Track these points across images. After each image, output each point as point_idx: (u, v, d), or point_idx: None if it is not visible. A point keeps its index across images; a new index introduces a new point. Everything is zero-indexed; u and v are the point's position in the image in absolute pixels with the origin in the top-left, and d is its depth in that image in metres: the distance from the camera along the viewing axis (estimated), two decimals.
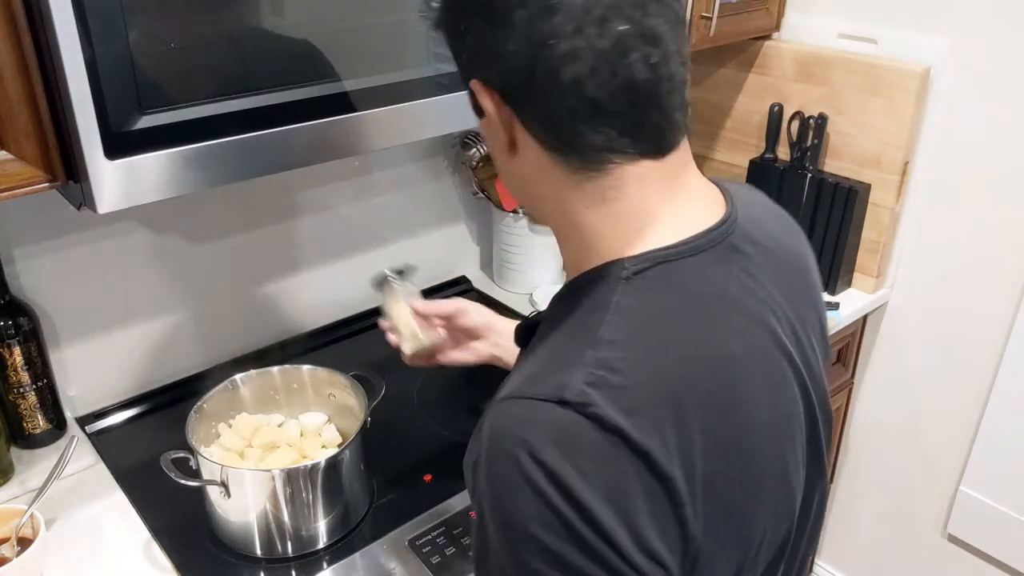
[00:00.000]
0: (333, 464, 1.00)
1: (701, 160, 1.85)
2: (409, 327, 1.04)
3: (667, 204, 0.63)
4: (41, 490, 1.00)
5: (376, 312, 1.56)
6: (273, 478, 0.96)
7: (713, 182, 0.70)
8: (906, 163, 1.52)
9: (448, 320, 1.08)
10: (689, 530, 0.57)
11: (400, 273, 1.05)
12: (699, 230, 0.64)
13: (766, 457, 0.64)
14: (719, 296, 0.63)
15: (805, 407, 0.70)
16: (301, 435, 1.10)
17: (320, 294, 1.50)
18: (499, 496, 0.58)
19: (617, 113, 0.59)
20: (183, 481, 0.96)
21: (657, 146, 0.62)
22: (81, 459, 1.16)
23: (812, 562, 0.86)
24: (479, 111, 0.65)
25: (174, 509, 1.06)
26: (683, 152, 0.64)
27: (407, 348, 1.04)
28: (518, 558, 0.57)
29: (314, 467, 0.98)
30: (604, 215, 0.63)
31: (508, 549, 0.58)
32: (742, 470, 0.61)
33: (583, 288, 0.63)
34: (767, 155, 1.68)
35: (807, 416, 0.70)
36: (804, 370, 0.69)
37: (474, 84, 0.63)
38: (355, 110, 0.96)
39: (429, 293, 1.63)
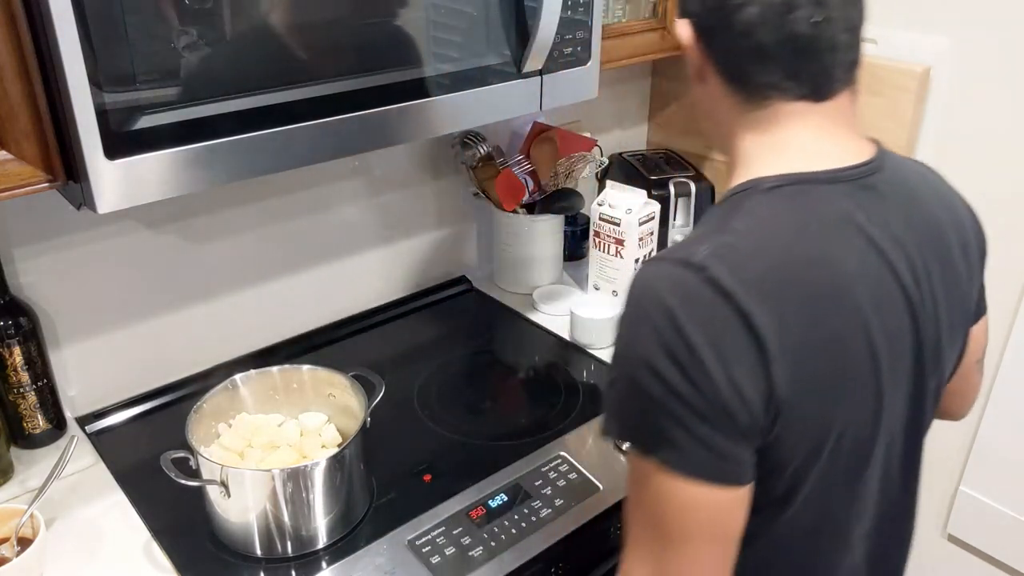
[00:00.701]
0: (333, 464, 1.00)
1: (701, 159, 1.85)
2: None
3: (814, 140, 0.75)
4: (41, 490, 1.00)
5: (375, 311, 1.57)
6: (273, 478, 0.96)
7: (877, 147, 0.80)
8: None
9: None
10: (775, 385, 0.68)
11: None
12: (839, 166, 0.75)
13: (858, 364, 0.73)
14: (843, 219, 0.73)
15: (913, 346, 0.77)
16: (301, 435, 1.10)
17: (320, 294, 1.50)
18: (626, 326, 0.72)
19: (779, 59, 0.72)
20: (183, 481, 0.96)
21: (814, 91, 0.74)
22: (81, 459, 1.16)
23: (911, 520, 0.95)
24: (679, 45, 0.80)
25: (174, 509, 1.06)
26: (842, 106, 0.76)
27: None
28: (631, 376, 0.70)
29: (314, 467, 0.98)
30: (759, 142, 0.76)
31: (625, 370, 0.72)
32: (831, 364, 0.71)
33: (734, 196, 0.76)
34: None
35: (914, 356, 0.78)
36: (920, 313, 0.77)
37: (679, 20, 0.78)
38: (355, 110, 0.96)
39: (428, 293, 1.64)
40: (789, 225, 0.72)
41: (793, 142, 0.75)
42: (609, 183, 1.58)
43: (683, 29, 0.78)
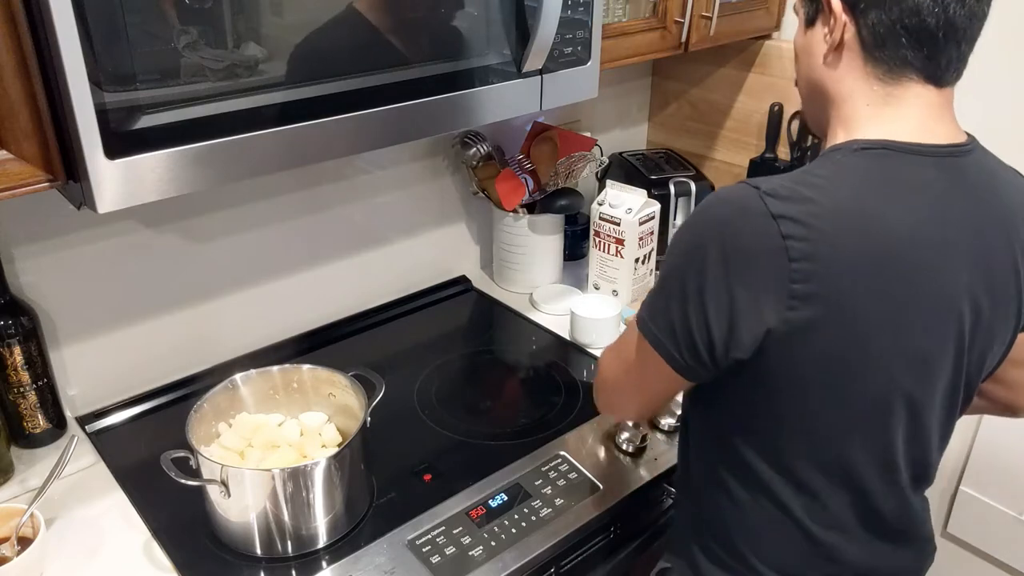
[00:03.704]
0: (333, 464, 1.00)
1: (701, 159, 1.85)
2: None
3: (925, 119, 0.80)
4: (41, 490, 1.00)
5: (375, 311, 1.57)
6: (273, 478, 0.96)
7: (971, 138, 0.84)
8: None
9: None
10: (786, 319, 0.75)
11: None
12: (935, 142, 0.79)
13: (890, 320, 0.77)
14: (920, 187, 0.78)
15: (956, 333, 0.81)
16: (301, 435, 1.10)
17: (320, 293, 1.50)
18: (685, 229, 0.81)
19: (930, 41, 0.76)
20: (183, 480, 0.96)
21: (939, 77, 0.79)
22: (81, 459, 1.16)
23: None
24: (811, 20, 0.86)
25: (174, 509, 1.06)
26: (950, 96, 0.81)
27: None
28: (679, 272, 0.79)
29: (314, 467, 0.98)
30: (875, 113, 0.80)
31: (678, 265, 0.79)
32: (860, 309, 0.76)
33: (828, 153, 0.81)
34: (767, 155, 1.68)
35: (956, 346, 0.81)
36: (968, 301, 0.80)
37: None
38: (355, 110, 0.96)
39: (428, 292, 1.64)
40: (863, 180, 0.77)
41: (907, 117, 0.79)
42: (609, 183, 1.58)
43: (834, 2, 0.79)
